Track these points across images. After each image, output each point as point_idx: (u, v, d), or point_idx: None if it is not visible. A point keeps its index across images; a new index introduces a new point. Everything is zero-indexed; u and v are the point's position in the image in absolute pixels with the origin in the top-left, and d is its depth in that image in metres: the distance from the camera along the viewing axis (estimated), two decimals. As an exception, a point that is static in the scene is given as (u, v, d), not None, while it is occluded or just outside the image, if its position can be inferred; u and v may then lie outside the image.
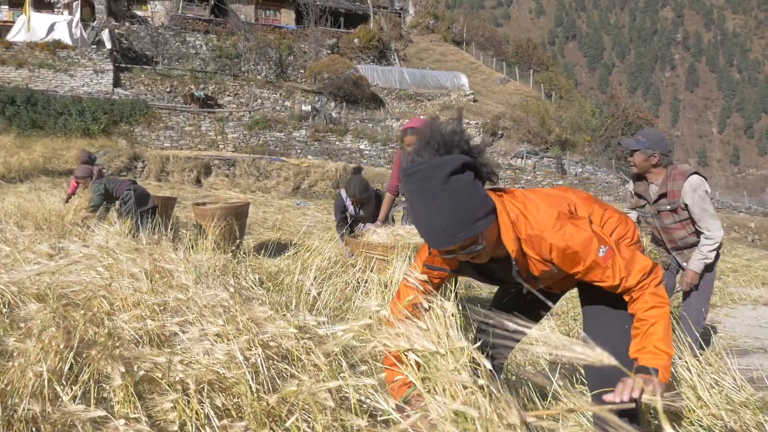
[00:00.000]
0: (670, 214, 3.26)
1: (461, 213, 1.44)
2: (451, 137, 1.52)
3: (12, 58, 22.80)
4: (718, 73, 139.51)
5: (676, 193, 3.17)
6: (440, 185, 1.43)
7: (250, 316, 1.98)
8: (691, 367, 2.12)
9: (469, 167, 1.50)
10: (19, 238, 3.68)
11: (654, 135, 3.28)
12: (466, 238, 1.46)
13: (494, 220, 1.54)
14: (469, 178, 1.48)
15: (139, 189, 6.59)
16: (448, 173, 1.44)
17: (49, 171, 16.48)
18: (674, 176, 3.21)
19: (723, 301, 6.08)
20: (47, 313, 1.75)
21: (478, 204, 1.48)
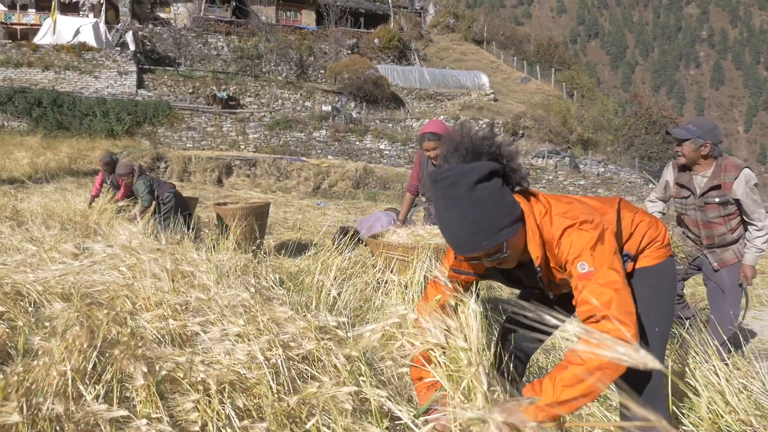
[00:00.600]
0: (716, 207, 3.14)
1: (486, 221, 1.44)
2: (481, 143, 1.52)
3: (39, 61, 23.26)
4: (744, 70, 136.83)
5: (728, 186, 3.06)
6: (466, 192, 1.43)
7: (271, 316, 1.98)
8: (719, 371, 2.07)
9: (497, 174, 1.50)
10: (46, 237, 3.75)
11: (705, 123, 3.15)
12: (490, 246, 1.46)
13: (521, 227, 1.52)
14: (496, 186, 1.48)
15: (180, 193, 6.68)
16: (474, 181, 1.43)
17: (75, 171, 16.77)
18: (726, 167, 3.09)
19: (750, 303, 5.96)
20: (71, 312, 1.77)
21: (504, 212, 1.47)
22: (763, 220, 3.05)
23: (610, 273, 1.43)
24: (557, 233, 1.52)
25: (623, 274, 1.47)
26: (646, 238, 1.79)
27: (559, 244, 1.51)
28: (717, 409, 1.87)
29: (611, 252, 1.48)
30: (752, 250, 3.11)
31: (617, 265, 1.47)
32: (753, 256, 3.12)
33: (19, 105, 20.73)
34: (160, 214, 6.44)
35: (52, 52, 23.56)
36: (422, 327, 1.54)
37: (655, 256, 1.81)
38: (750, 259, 3.13)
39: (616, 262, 1.47)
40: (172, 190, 6.57)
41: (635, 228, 1.78)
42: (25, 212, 6.04)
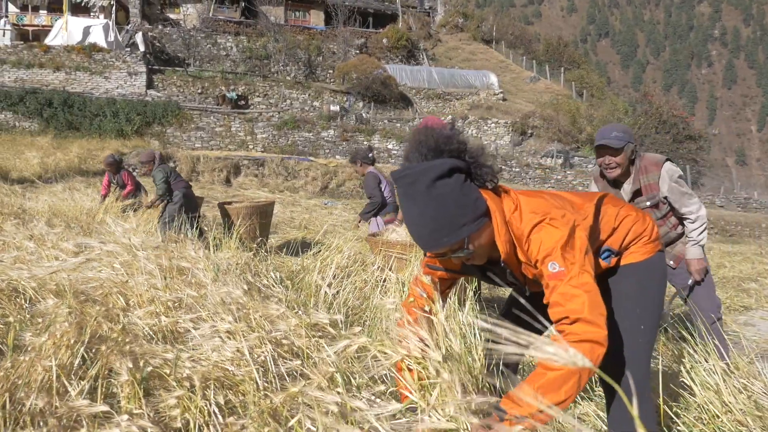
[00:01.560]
0: (650, 211, 2.96)
1: (446, 218, 1.44)
2: (442, 141, 1.52)
3: (50, 62, 23.45)
4: (757, 69, 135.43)
5: (653, 187, 2.89)
6: (425, 189, 1.44)
7: (264, 313, 1.97)
8: (717, 371, 2.04)
9: (458, 171, 1.49)
10: (48, 236, 3.76)
11: (624, 127, 2.94)
12: (451, 243, 1.46)
13: (485, 223, 1.51)
14: (457, 182, 1.47)
15: (192, 194, 6.71)
16: (433, 178, 1.44)
17: (84, 171, 16.90)
18: (646, 168, 2.91)
19: (759, 303, 5.88)
20: (63, 308, 1.77)
21: (466, 209, 1.47)
22: (696, 211, 2.90)
23: (581, 275, 1.42)
24: (526, 230, 1.50)
25: (593, 274, 1.45)
26: (631, 234, 1.76)
27: (528, 240, 1.50)
28: (712, 409, 1.84)
29: (582, 251, 1.47)
30: (691, 243, 2.97)
31: (588, 266, 1.45)
32: (695, 250, 2.97)
33: (30, 105, 20.92)
34: (166, 210, 6.49)
35: (63, 53, 23.74)
36: (400, 333, 1.54)
37: (643, 251, 1.78)
38: (692, 252, 2.98)
39: (587, 263, 1.45)
40: (184, 190, 6.60)
41: (620, 223, 1.75)
42: (32, 211, 6.10)
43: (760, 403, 1.98)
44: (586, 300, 1.37)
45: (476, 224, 1.48)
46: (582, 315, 1.36)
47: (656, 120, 28.32)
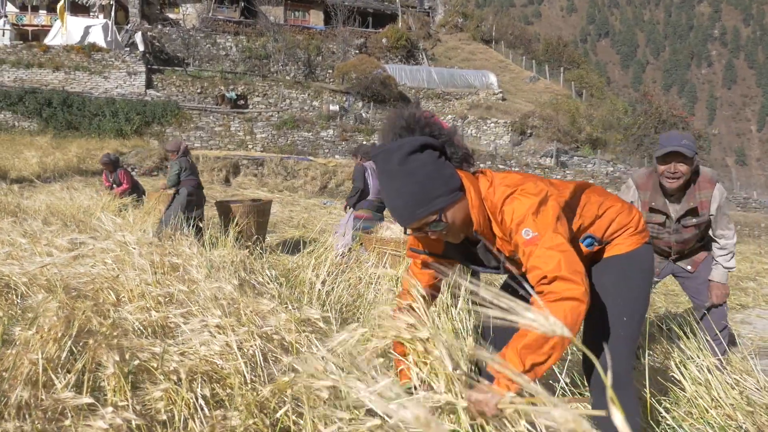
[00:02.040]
0: (694, 228, 2.87)
1: (419, 191, 1.49)
2: (414, 121, 1.57)
3: (49, 61, 23.45)
4: (757, 69, 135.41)
5: (705, 204, 2.78)
6: (398, 166, 1.50)
7: (254, 308, 1.97)
8: (709, 367, 2.03)
9: (431, 147, 1.54)
10: (43, 233, 3.76)
11: (689, 135, 2.76)
12: (425, 214, 1.51)
13: (460, 197, 1.55)
14: (430, 158, 1.52)
15: (199, 194, 6.72)
16: (405, 153, 1.50)
17: (83, 171, 16.89)
18: (700, 184, 2.79)
19: (756, 302, 5.89)
20: (53, 303, 1.76)
21: (439, 182, 1.51)
22: (728, 238, 2.83)
23: (555, 236, 1.44)
24: (499, 202, 1.54)
25: (567, 237, 1.48)
26: (615, 224, 1.76)
27: (501, 212, 1.53)
28: (702, 403, 1.84)
29: (554, 216, 1.49)
30: (719, 267, 2.88)
31: (561, 228, 1.48)
32: (721, 273, 2.87)
33: (30, 105, 20.93)
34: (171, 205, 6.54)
35: (63, 52, 23.74)
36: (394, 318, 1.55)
37: (628, 243, 1.77)
38: (718, 276, 2.88)
39: (559, 226, 1.48)
40: (190, 188, 6.62)
41: (603, 212, 1.75)
42: (29, 209, 6.09)
43: (752, 398, 1.98)
44: (561, 258, 1.40)
45: (450, 197, 1.52)
46: (559, 273, 1.38)
47: (656, 120, 28.31)
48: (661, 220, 2.93)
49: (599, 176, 24.52)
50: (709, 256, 3.01)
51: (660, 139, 2.81)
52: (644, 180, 2.95)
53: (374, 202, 5.43)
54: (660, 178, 2.81)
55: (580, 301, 1.36)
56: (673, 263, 3.11)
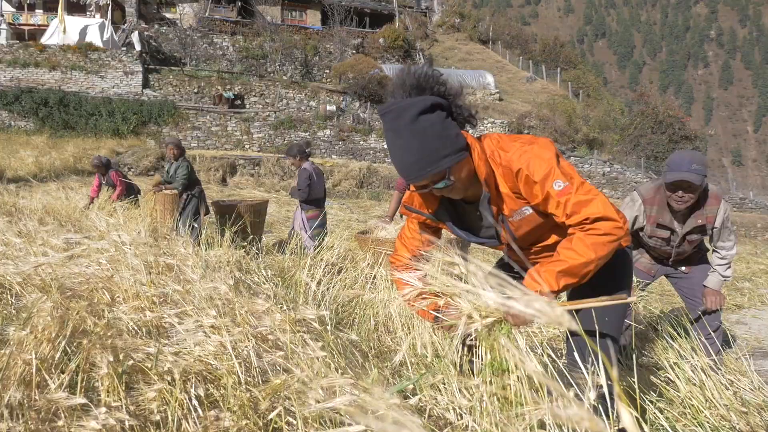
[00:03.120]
0: (696, 240, 2.93)
1: (429, 150, 1.54)
2: (424, 79, 1.59)
3: (46, 61, 23.39)
4: (753, 70, 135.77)
5: (711, 219, 2.82)
6: (409, 124, 1.53)
7: (249, 308, 1.97)
8: (703, 367, 2.04)
9: (440, 107, 1.58)
10: (39, 233, 3.75)
11: (701, 157, 2.72)
12: (434, 173, 1.57)
13: (466, 156, 1.61)
14: (439, 118, 1.57)
15: (203, 197, 6.74)
16: (416, 113, 1.53)
17: (79, 170, 16.86)
18: (708, 201, 2.84)
19: (752, 302, 5.90)
20: (47, 303, 1.76)
21: (447, 141, 1.57)
22: (729, 249, 2.87)
23: (584, 184, 1.58)
24: (516, 157, 1.61)
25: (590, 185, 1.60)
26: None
27: (524, 168, 1.60)
28: (696, 404, 1.84)
29: (572, 168, 1.62)
30: (716, 275, 2.91)
31: (584, 179, 1.60)
32: (717, 280, 2.90)
33: (26, 105, 20.88)
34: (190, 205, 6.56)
35: (59, 52, 23.68)
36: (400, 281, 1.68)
37: None
38: (713, 282, 2.91)
39: (582, 177, 1.60)
40: (198, 191, 6.65)
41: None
42: (25, 209, 6.07)
43: (746, 399, 1.98)
44: (599, 201, 1.55)
45: (457, 156, 1.58)
46: (601, 214, 1.53)
47: (652, 120, 28.36)
48: (666, 235, 2.94)
49: (596, 176, 24.56)
50: (703, 257, 3.03)
51: (671, 160, 2.76)
52: (651, 195, 2.93)
53: (321, 199, 5.68)
54: (668, 198, 2.82)
55: (620, 236, 1.54)
56: (667, 266, 3.13)
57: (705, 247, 3.04)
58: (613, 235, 1.53)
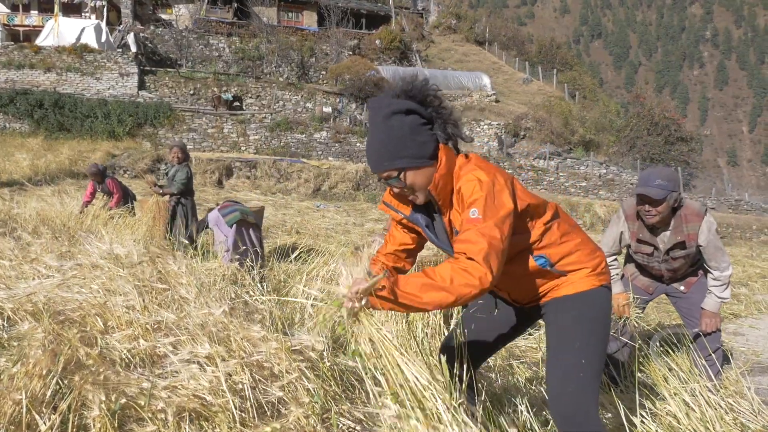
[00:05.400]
0: (682, 258, 2.91)
1: (389, 147, 1.67)
2: (416, 89, 1.72)
3: (40, 62, 23.26)
4: (748, 70, 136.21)
5: (692, 236, 2.82)
6: (382, 120, 1.68)
7: (245, 335, 1.95)
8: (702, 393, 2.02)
9: (417, 114, 1.69)
10: (33, 246, 3.72)
11: (669, 174, 2.80)
12: (387, 169, 1.69)
13: (425, 165, 1.70)
14: (412, 122, 1.68)
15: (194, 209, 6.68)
16: (390, 112, 1.67)
17: (75, 173, 16.78)
18: (687, 217, 2.83)
19: (748, 310, 5.86)
20: (38, 333, 1.73)
21: (409, 145, 1.68)
22: (723, 270, 2.83)
23: (493, 228, 1.57)
24: (466, 176, 1.68)
25: (505, 236, 1.58)
26: (573, 258, 1.80)
27: (464, 185, 1.67)
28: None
29: (504, 214, 1.61)
30: (713, 296, 2.87)
31: (504, 226, 1.59)
32: (714, 302, 2.86)
33: (21, 107, 20.76)
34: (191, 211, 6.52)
35: (54, 53, 23.55)
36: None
37: (584, 283, 1.81)
38: (710, 304, 2.87)
39: (504, 224, 1.59)
40: (186, 203, 6.59)
41: (564, 242, 1.81)
42: (19, 217, 6.02)
43: (746, 424, 1.97)
44: (485, 249, 1.53)
45: (415, 161, 1.69)
46: (477, 258, 1.51)
47: (648, 122, 28.43)
48: (649, 251, 2.98)
49: (592, 178, 24.58)
50: (702, 278, 3.01)
51: (641, 175, 2.90)
52: (632, 211, 2.99)
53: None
54: (638, 212, 2.90)
55: (480, 285, 1.50)
56: (668, 286, 3.11)
57: (703, 267, 3.01)
58: (473, 278, 1.49)
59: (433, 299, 1.49)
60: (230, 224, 5.29)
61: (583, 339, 1.73)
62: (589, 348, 1.73)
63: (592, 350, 1.73)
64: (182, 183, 6.35)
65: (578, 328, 1.75)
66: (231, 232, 5.26)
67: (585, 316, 1.77)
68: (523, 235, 1.77)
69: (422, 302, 1.49)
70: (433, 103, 1.75)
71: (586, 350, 1.72)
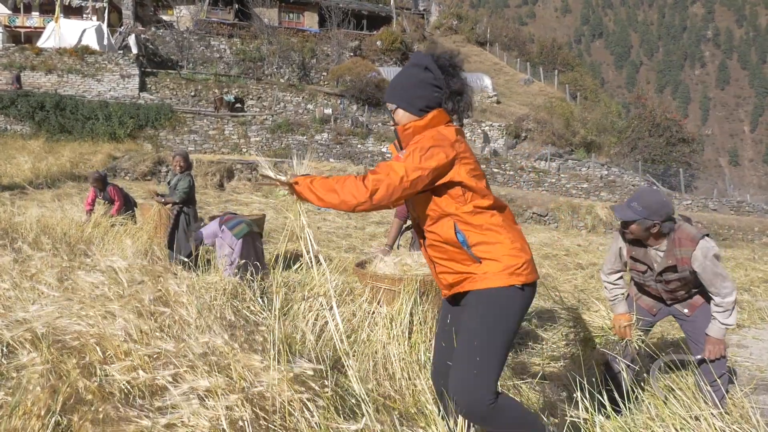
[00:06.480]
0: (677, 281, 2.90)
1: (396, 85, 2.11)
2: (441, 56, 2.10)
3: (42, 64, 23.27)
4: (750, 70, 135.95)
5: (685, 261, 2.80)
6: (408, 65, 2.14)
7: (246, 363, 1.93)
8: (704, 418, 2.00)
9: (432, 74, 2.04)
10: (33, 260, 3.70)
11: (652, 201, 2.80)
12: (388, 100, 2.13)
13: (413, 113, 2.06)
14: (423, 77, 2.06)
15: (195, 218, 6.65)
16: (414, 63, 2.11)
17: (76, 176, 16.77)
18: (681, 241, 2.81)
19: (751, 319, 5.77)
20: (37, 365, 1.72)
21: (410, 92, 2.06)
22: (725, 296, 2.77)
23: (402, 170, 1.89)
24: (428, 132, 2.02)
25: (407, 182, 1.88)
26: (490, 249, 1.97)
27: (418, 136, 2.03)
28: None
29: (424, 169, 1.90)
30: (717, 322, 2.81)
31: (411, 175, 1.89)
32: (718, 329, 2.81)
33: (22, 108, 20.76)
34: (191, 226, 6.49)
35: (55, 55, 23.56)
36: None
37: (497, 279, 1.94)
38: (714, 330, 2.81)
39: (413, 174, 1.89)
40: (189, 211, 6.58)
41: (487, 231, 1.99)
42: (19, 226, 6.00)
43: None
44: (382, 180, 1.88)
45: (407, 106, 2.07)
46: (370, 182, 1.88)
47: (650, 123, 28.37)
48: (642, 269, 3.00)
49: (593, 179, 24.54)
50: (706, 301, 2.96)
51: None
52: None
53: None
54: None
55: (356, 201, 1.88)
56: (673, 308, 3.08)
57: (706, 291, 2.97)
58: (356, 195, 1.87)
59: (328, 199, 1.93)
60: (239, 237, 5.28)
61: (482, 336, 1.92)
62: (489, 344, 1.92)
63: (491, 346, 1.92)
64: (184, 192, 6.34)
65: (482, 326, 1.94)
66: (238, 245, 5.24)
67: (489, 314, 1.95)
68: (449, 200, 1.99)
69: (322, 200, 1.94)
70: (449, 73, 2.07)
71: (486, 347, 1.91)
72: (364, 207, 1.88)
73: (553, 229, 18.75)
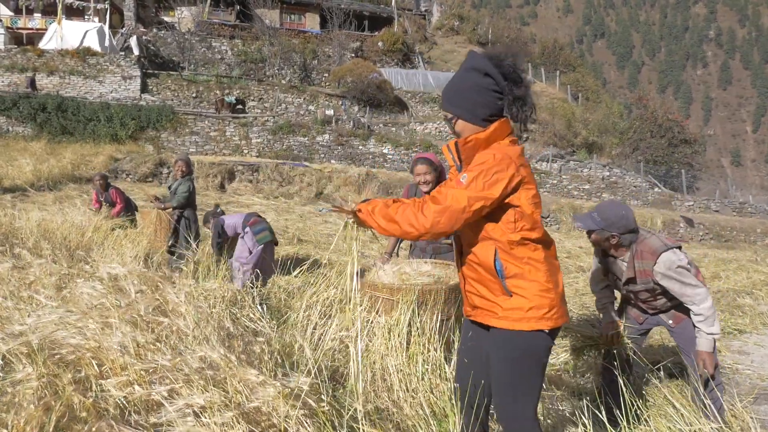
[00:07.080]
0: (644, 292, 2.92)
1: (454, 93, 1.98)
2: (503, 59, 1.93)
3: (44, 66, 23.29)
4: (752, 70, 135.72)
5: (647, 273, 2.81)
6: (464, 69, 1.97)
7: (242, 378, 1.92)
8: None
9: (491, 79, 1.90)
10: (32, 267, 3.70)
11: (611, 214, 2.84)
12: (446, 109, 2.00)
13: (474, 123, 1.94)
14: (483, 84, 1.91)
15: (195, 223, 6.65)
16: (472, 66, 1.94)
17: (77, 178, 16.78)
18: (642, 254, 2.82)
19: (753, 324, 5.73)
20: (32, 381, 1.71)
21: (470, 101, 1.93)
22: (699, 302, 2.74)
23: (465, 199, 1.81)
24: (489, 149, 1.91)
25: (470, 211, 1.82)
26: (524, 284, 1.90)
27: (479, 154, 1.91)
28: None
29: (484, 196, 1.82)
30: (702, 334, 2.78)
31: (474, 204, 1.82)
32: (705, 341, 2.77)
33: (24, 110, 20.78)
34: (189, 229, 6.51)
35: (57, 57, 23.58)
36: None
37: (521, 323, 1.90)
38: (702, 344, 2.78)
39: (476, 203, 1.82)
40: (189, 216, 6.59)
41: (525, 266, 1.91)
42: (20, 232, 5.99)
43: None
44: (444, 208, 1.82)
45: (468, 115, 1.94)
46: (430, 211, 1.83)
47: (651, 124, 28.34)
48: (614, 279, 3.08)
49: (595, 181, 24.51)
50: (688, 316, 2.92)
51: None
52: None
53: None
54: None
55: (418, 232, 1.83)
56: (660, 319, 3.08)
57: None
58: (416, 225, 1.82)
59: (390, 229, 1.88)
60: (261, 243, 5.28)
61: (507, 378, 1.95)
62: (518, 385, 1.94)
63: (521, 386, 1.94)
64: (183, 196, 6.35)
65: (510, 369, 1.94)
66: (258, 251, 5.24)
67: (510, 357, 1.93)
68: (498, 225, 1.91)
69: (385, 230, 1.90)
70: (512, 79, 1.92)
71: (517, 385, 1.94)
72: (426, 237, 1.86)
73: (554, 230, 18.73)
